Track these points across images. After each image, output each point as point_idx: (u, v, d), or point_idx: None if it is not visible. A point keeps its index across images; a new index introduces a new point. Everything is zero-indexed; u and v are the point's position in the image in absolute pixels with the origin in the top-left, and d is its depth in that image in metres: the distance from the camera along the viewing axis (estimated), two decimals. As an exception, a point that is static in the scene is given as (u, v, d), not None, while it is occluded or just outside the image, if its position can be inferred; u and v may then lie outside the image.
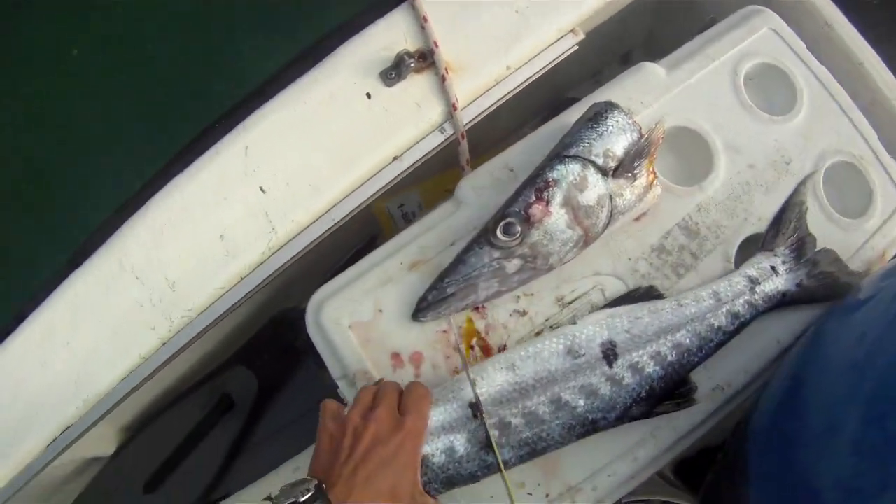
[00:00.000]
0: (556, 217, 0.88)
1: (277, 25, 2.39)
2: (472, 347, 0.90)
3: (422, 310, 0.89)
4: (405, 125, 0.99)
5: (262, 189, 0.96)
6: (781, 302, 0.91)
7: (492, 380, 0.83)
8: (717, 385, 0.91)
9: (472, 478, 0.81)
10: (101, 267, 0.99)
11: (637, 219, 0.95)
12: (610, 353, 0.85)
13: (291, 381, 1.23)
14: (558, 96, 1.37)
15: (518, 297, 0.92)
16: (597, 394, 0.83)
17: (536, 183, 0.90)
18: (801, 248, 0.94)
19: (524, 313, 0.92)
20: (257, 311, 1.18)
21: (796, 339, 0.94)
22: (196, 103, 2.21)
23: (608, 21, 1.09)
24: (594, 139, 0.92)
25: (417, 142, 0.98)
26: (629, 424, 0.88)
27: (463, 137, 0.99)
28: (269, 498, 0.69)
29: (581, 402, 0.82)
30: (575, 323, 0.87)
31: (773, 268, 0.92)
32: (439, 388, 0.83)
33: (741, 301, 0.89)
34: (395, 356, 0.90)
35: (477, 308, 0.92)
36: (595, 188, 0.89)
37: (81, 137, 2.38)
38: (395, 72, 0.98)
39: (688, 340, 0.87)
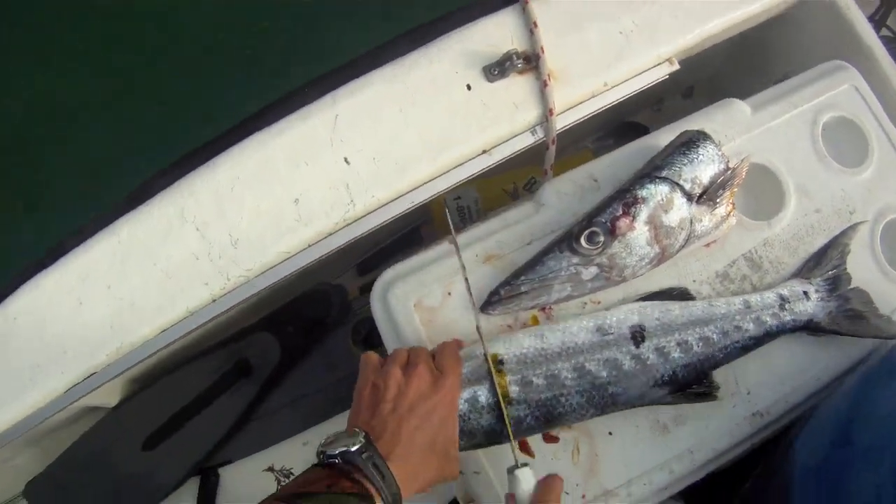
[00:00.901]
0: (638, 232, 0.91)
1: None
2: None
3: (492, 303, 0.90)
4: (500, 122, 1.00)
5: (346, 160, 0.93)
6: (808, 326, 0.96)
7: (519, 343, 0.86)
8: (757, 411, 0.94)
9: (492, 433, 0.83)
10: (160, 212, 0.96)
11: (707, 245, 0.98)
12: (638, 335, 0.88)
13: (314, 355, 1.20)
14: (618, 119, 1.38)
15: (585, 303, 0.94)
16: (620, 368, 0.87)
17: (625, 198, 0.92)
18: (836, 283, 0.99)
19: (588, 319, 0.92)
20: (295, 280, 1.14)
21: (834, 381, 0.97)
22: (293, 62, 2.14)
23: (690, 56, 1.10)
24: (685, 164, 0.95)
25: (508, 139, 0.98)
26: (670, 439, 0.91)
27: (553, 143, 0.99)
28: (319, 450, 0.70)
29: (604, 374, 0.86)
30: (607, 308, 0.91)
31: (805, 293, 0.96)
32: (467, 348, 0.87)
33: (770, 312, 0.94)
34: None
35: (543, 308, 0.93)
36: (679, 211, 0.92)
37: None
38: (498, 69, 0.98)
39: (714, 336, 0.91)
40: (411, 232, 1.28)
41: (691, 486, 0.94)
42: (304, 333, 1.15)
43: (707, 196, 0.92)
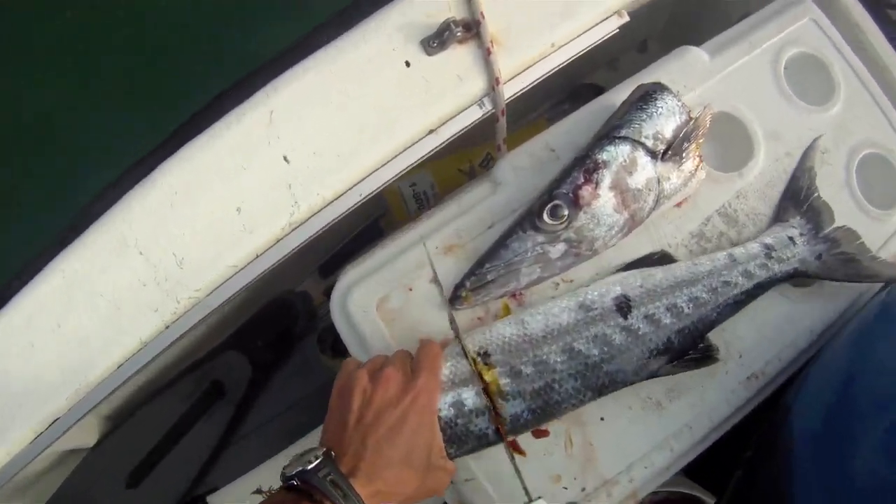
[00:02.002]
0: (604, 200, 0.82)
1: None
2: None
3: (459, 297, 0.81)
4: (444, 97, 0.90)
5: (285, 159, 0.84)
6: (799, 272, 0.87)
7: (500, 333, 0.78)
8: (752, 373, 0.86)
9: (485, 437, 0.74)
10: (101, 241, 0.86)
11: (678, 205, 0.89)
12: (624, 306, 0.80)
13: (286, 367, 1.12)
14: (574, 82, 1.28)
15: (557, 283, 0.85)
16: (611, 343, 0.78)
17: (585, 164, 0.83)
18: (817, 218, 0.90)
19: (563, 300, 0.83)
20: (255, 293, 1.06)
21: (826, 332, 0.89)
22: (215, 63, 1.99)
23: (639, 7, 1.00)
24: (644, 120, 0.85)
25: (455, 115, 0.88)
26: (665, 416, 0.83)
27: (503, 114, 0.90)
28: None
29: (595, 352, 0.77)
30: (587, 285, 0.82)
31: (790, 238, 0.88)
32: (450, 346, 0.77)
33: (757, 263, 0.85)
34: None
35: (514, 295, 0.84)
36: (644, 171, 0.83)
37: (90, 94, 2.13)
38: (437, 40, 0.88)
39: (704, 295, 0.82)
40: (370, 227, 1.18)
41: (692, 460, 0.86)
42: (273, 346, 1.06)
43: (672, 151, 0.83)
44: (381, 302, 0.82)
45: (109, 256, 0.84)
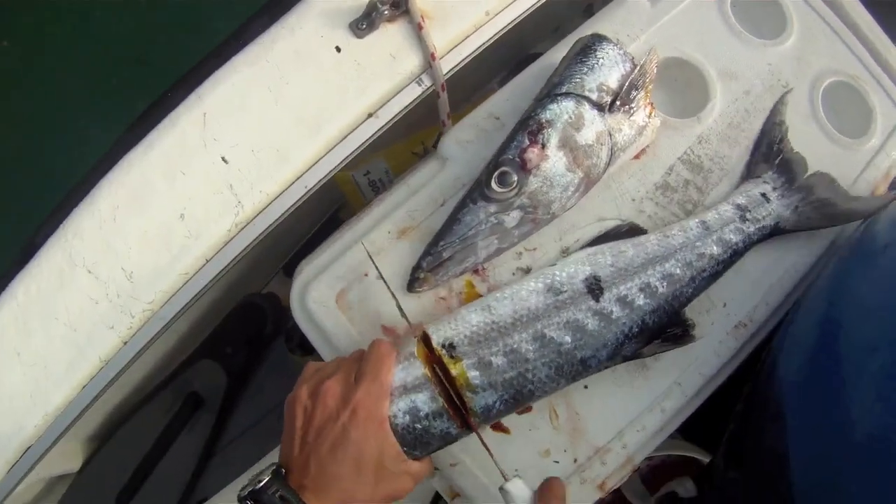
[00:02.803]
0: (553, 160, 0.75)
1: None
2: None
3: (417, 279, 0.75)
4: (379, 79, 0.84)
5: (224, 160, 0.79)
6: (776, 229, 0.81)
7: (466, 321, 0.70)
8: (738, 322, 0.80)
9: (447, 436, 0.67)
10: (49, 264, 0.82)
11: (637, 157, 0.84)
12: (595, 288, 0.72)
13: (261, 370, 1.07)
14: (520, 53, 1.21)
15: (520, 252, 0.78)
16: (584, 329, 0.70)
17: (529, 126, 0.77)
18: (790, 171, 0.83)
19: (528, 270, 0.78)
20: (220, 299, 1.02)
21: (813, 268, 0.83)
22: (146, 71, 1.92)
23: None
24: (585, 74, 0.79)
25: (393, 96, 0.83)
26: (652, 376, 0.77)
27: (443, 89, 0.84)
28: None
29: (567, 339, 0.70)
30: (553, 264, 0.75)
31: (763, 194, 0.81)
32: (406, 345, 0.70)
33: (731, 228, 0.79)
34: (392, 332, 0.75)
35: (476, 270, 0.77)
36: (592, 125, 0.77)
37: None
38: (365, 22, 0.83)
39: (678, 270, 0.75)
40: (330, 221, 1.12)
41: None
42: (245, 351, 1.01)
43: (620, 102, 0.77)
44: (341, 295, 0.76)
45: (59, 278, 0.79)
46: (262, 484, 0.58)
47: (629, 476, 0.77)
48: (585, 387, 0.76)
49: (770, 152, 0.84)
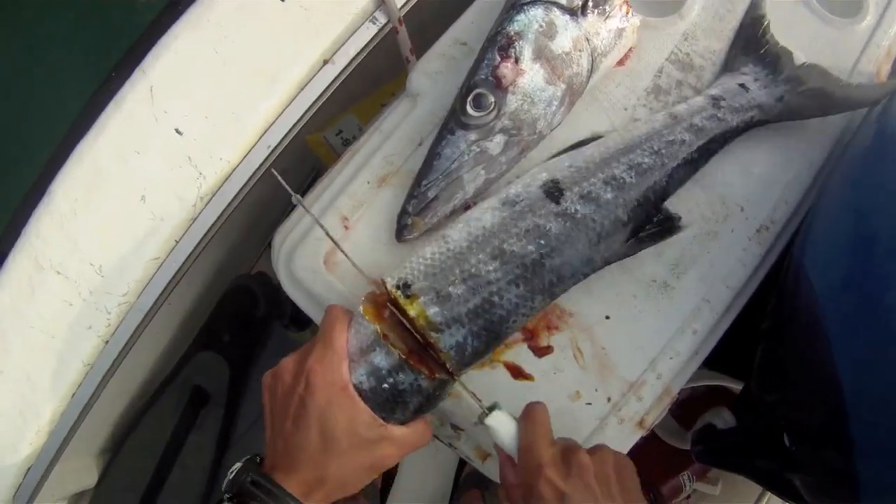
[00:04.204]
0: (531, 74, 0.65)
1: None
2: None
3: (406, 226, 0.65)
4: (330, 23, 0.74)
5: (178, 131, 0.69)
6: (759, 119, 0.71)
7: (420, 256, 0.59)
8: (760, 226, 0.70)
9: (420, 390, 0.56)
10: (16, 269, 0.72)
11: (620, 63, 0.73)
12: (553, 191, 0.62)
13: (263, 353, 0.97)
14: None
15: (511, 182, 0.67)
16: (547, 234, 0.60)
17: (498, 41, 0.67)
18: (774, 63, 0.73)
19: (524, 200, 0.66)
20: (209, 286, 0.92)
21: (828, 160, 0.71)
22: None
23: None
24: None
25: (348, 38, 0.72)
26: (677, 296, 0.67)
27: (401, 23, 0.73)
28: None
29: (531, 248, 0.59)
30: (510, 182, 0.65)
31: (741, 85, 0.71)
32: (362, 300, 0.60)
33: (704, 115, 0.68)
34: (339, 307, 0.64)
35: (468, 207, 0.67)
36: (566, 31, 0.67)
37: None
38: (306, -37, 0.71)
39: (646, 159, 0.65)
40: (310, 188, 1.02)
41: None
42: (242, 337, 0.92)
43: (592, 3, 0.66)
44: (329, 256, 0.66)
45: (29, 285, 0.70)
46: (234, 474, 0.54)
47: (667, 409, 0.67)
48: (607, 317, 0.67)
49: (749, 45, 0.74)
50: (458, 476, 0.89)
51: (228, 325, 0.91)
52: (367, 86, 0.78)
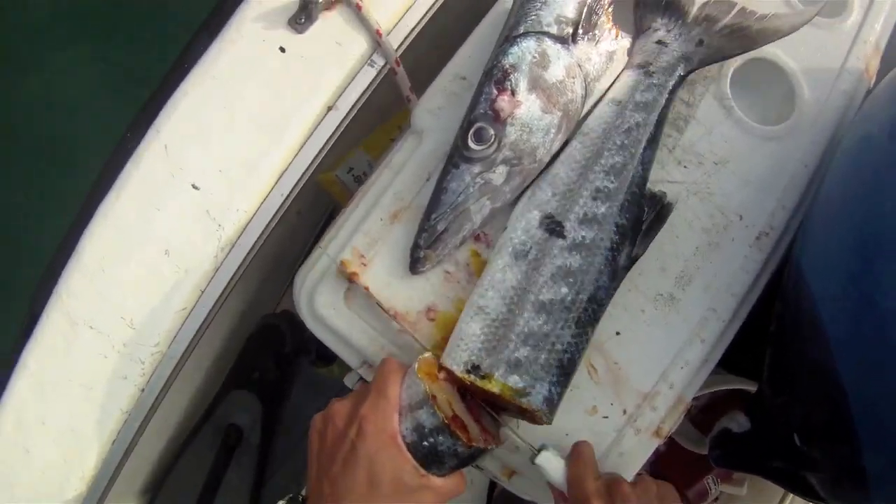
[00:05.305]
0: (527, 105, 0.66)
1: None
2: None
3: (418, 259, 0.66)
4: (330, 68, 0.75)
5: (195, 186, 0.71)
6: (689, 68, 0.70)
7: (471, 335, 0.61)
8: (759, 232, 0.70)
9: (457, 454, 0.57)
10: (51, 327, 0.74)
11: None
12: (553, 227, 0.63)
13: (294, 388, 0.97)
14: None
15: (508, 227, 0.68)
16: (571, 271, 0.61)
17: (493, 75, 0.68)
18: (678, 7, 0.72)
19: (530, 225, 0.68)
20: (236, 327, 0.93)
21: (822, 163, 0.71)
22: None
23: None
24: (539, 9, 0.71)
25: (349, 83, 0.74)
26: (684, 307, 0.68)
27: (398, 65, 0.75)
28: None
29: (564, 290, 0.61)
30: (505, 228, 0.65)
31: (658, 42, 0.71)
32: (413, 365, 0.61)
33: (641, 89, 0.69)
34: (404, 318, 0.66)
35: (478, 237, 0.69)
36: (559, 60, 0.68)
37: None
38: (303, 15, 0.74)
39: (618, 158, 0.66)
40: (326, 225, 1.04)
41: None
42: (273, 374, 0.93)
43: (582, 30, 0.67)
44: (348, 293, 0.67)
45: (64, 341, 0.72)
46: None
47: (682, 417, 0.67)
48: (617, 333, 0.67)
49: (642, 11, 0.73)
50: (490, 496, 0.90)
51: (258, 363, 0.93)
52: (374, 120, 0.80)
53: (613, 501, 0.55)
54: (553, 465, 0.59)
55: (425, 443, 0.56)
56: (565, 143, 0.68)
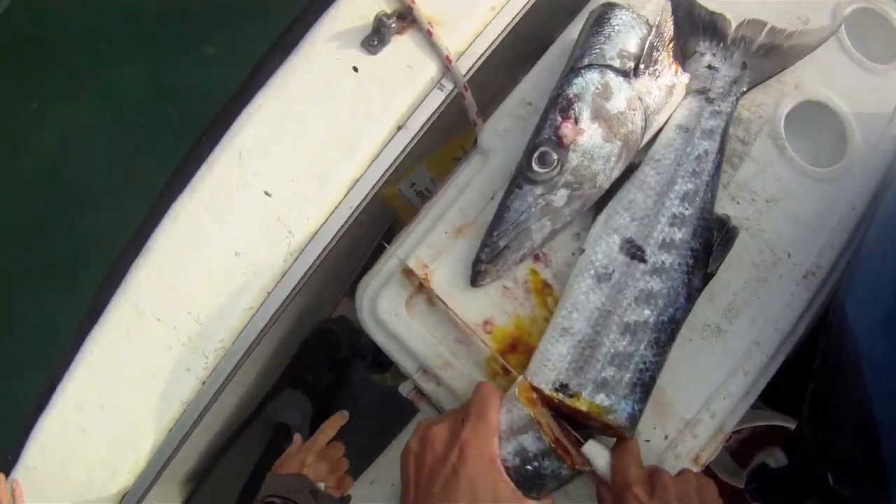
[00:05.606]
0: (589, 133, 0.69)
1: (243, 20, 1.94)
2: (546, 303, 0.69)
3: (479, 273, 0.69)
4: (401, 90, 0.79)
5: (267, 193, 0.74)
6: (740, 91, 0.75)
7: (558, 355, 0.63)
8: (806, 271, 0.72)
9: (559, 476, 0.59)
10: (119, 318, 0.78)
11: None
12: (634, 251, 0.66)
13: (344, 392, 0.99)
14: (540, 44, 1.15)
15: (578, 232, 0.71)
16: (653, 293, 0.64)
17: (559, 103, 0.71)
18: (715, 29, 0.76)
19: (587, 248, 0.70)
20: (293, 329, 0.96)
21: (871, 204, 0.73)
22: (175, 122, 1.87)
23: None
24: (603, 43, 0.73)
25: (418, 104, 0.77)
26: (729, 339, 0.70)
27: (466, 90, 0.78)
28: None
29: (647, 312, 0.64)
30: (584, 251, 0.68)
31: (709, 67, 0.74)
32: (511, 390, 0.62)
33: (706, 115, 0.72)
34: (464, 329, 0.69)
35: (537, 256, 0.71)
36: (621, 92, 0.71)
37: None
38: (376, 38, 0.78)
39: (690, 185, 0.69)
40: (386, 236, 1.07)
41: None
42: (326, 376, 0.96)
43: (643, 65, 0.70)
44: (410, 300, 0.70)
45: (128, 329, 0.76)
46: None
47: (721, 447, 0.68)
48: (665, 359, 0.69)
49: (686, 28, 0.76)
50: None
51: (312, 366, 0.95)
52: (438, 138, 0.83)
53: (654, 488, 0.56)
54: (599, 451, 0.60)
55: (528, 467, 0.57)
56: (635, 167, 0.70)
